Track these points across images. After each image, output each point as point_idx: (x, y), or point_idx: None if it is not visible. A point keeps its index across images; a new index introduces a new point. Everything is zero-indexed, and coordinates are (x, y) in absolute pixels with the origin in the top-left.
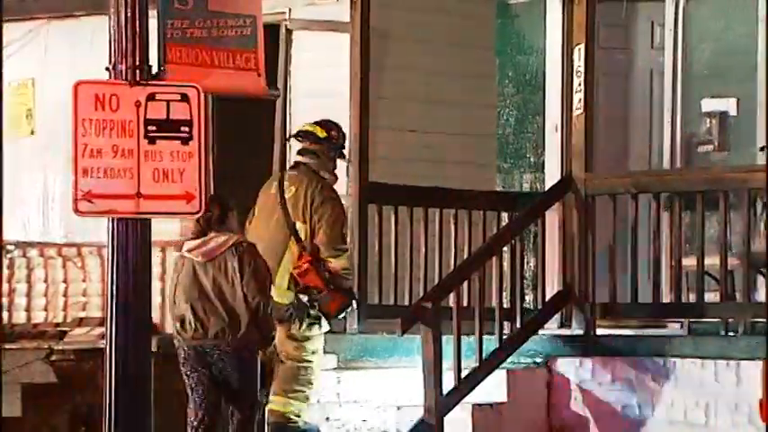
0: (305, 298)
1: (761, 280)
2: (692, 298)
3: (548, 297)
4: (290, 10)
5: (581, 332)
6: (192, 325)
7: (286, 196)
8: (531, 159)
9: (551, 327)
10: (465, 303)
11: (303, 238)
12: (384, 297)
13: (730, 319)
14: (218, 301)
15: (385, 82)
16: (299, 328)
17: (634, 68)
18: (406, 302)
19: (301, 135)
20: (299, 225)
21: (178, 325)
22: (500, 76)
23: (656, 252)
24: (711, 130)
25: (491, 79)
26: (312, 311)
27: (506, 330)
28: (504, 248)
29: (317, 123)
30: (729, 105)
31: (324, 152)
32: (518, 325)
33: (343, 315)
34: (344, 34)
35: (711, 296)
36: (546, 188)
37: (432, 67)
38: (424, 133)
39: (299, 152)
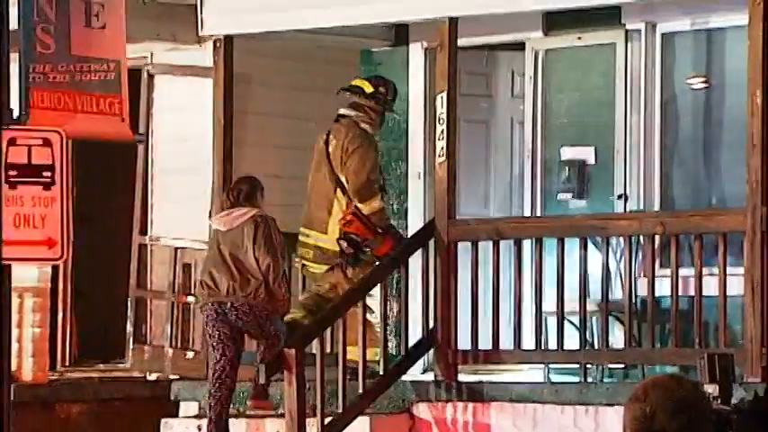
0: (344, 244)
1: (618, 326)
2: (552, 344)
3: (411, 343)
4: (151, 54)
5: (443, 378)
6: (208, 284)
7: (329, 150)
8: (395, 206)
9: (414, 372)
10: (329, 350)
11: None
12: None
13: (588, 365)
14: (231, 262)
15: (248, 127)
16: (355, 272)
17: (496, 116)
18: None
19: (350, 89)
20: (342, 177)
21: (199, 286)
22: None
23: (517, 298)
24: (570, 177)
25: None
26: (364, 256)
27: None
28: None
29: (366, 79)
30: (587, 154)
31: (370, 107)
32: (381, 371)
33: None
34: (207, 79)
35: (571, 342)
36: (409, 235)
37: (295, 112)
38: (288, 179)
39: (348, 105)
